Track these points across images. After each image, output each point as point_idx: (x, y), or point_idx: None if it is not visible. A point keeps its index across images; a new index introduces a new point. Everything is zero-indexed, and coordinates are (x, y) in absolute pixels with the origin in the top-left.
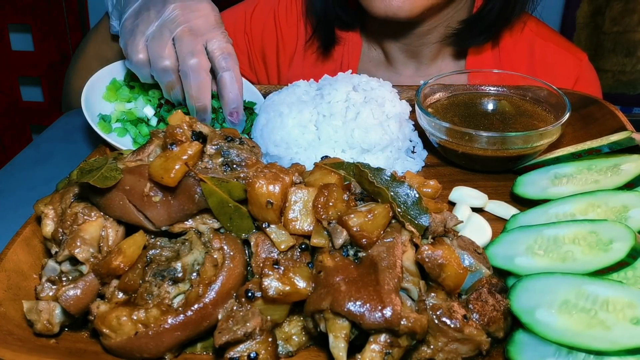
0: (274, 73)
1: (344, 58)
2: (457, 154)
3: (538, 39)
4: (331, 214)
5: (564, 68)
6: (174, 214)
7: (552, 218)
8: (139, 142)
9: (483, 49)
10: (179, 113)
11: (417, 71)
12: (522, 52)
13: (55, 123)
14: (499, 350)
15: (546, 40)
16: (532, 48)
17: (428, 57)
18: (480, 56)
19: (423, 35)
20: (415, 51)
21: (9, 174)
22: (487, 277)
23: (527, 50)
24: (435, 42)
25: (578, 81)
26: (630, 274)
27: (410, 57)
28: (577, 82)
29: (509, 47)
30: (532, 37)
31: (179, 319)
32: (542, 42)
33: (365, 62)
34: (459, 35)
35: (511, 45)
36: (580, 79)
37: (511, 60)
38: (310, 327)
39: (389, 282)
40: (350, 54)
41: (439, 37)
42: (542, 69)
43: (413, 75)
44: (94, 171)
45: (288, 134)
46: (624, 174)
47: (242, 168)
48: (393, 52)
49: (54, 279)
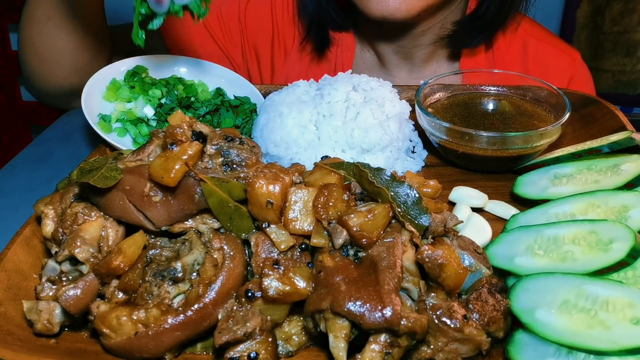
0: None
1: (338, 59)
2: (457, 154)
3: (532, 39)
4: (331, 214)
5: (558, 67)
6: (174, 214)
7: (552, 218)
8: (139, 142)
9: (477, 50)
10: (179, 113)
11: (411, 73)
12: (515, 52)
13: (55, 123)
14: (499, 350)
15: (539, 40)
16: (526, 48)
17: (421, 59)
18: (474, 57)
19: (417, 37)
20: (408, 53)
21: (9, 174)
22: (487, 277)
23: (521, 50)
24: (429, 44)
25: (572, 80)
26: (630, 274)
27: (403, 59)
28: (571, 81)
29: (503, 47)
30: (525, 37)
31: (179, 319)
32: (536, 41)
33: (359, 64)
34: (454, 37)
35: (505, 46)
36: (574, 78)
37: (505, 60)
38: (310, 327)
39: (389, 282)
40: (344, 56)
41: (433, 39)
42: (536, 69)
43: (407, 78)
44: (94, 171)
45: (288, 134)
46: (624, 174)
47: (242, 168)
48: (386, 54)
49: (54, 279)
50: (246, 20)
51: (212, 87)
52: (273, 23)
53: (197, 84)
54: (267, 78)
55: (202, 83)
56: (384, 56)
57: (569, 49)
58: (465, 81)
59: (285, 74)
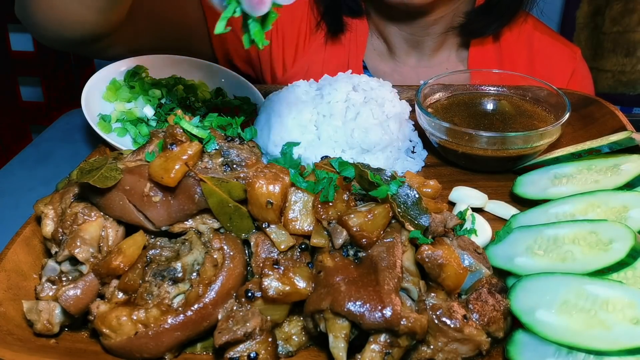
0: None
1: (352, 45)
2: (457, 154)
3: (536, 33)
4: (331, 214)
5: (561, 60)
6: (174, 214)
7: (552, 218)
8: (139, 142)
9: (485, 41)
10: (179, 113)
11: (420, 61)
12: (522, 45)
13: (55, 123)
14: (498, 350)
15: (543, 33)
16: (531, 41)
17: (431, 48)
18: (483, 48)
19: (429, 25)
20: (419, 41)
21: (9, 174)
22: (487, 277)
23: (527, 43)
24: (440, 33)
25: (574, 73)
26: (630, 274)
27: (413, 47)
28: (573, 74)
29: (510, 40)
30: (531, 31)
31: (179, 319)
32: (540, 35)
33: (370, 50)
34: (465, 27)
35: (512, 38)
36: (576, 71)
37: (512, 52)
38: (310, 327)
39: (388, 282)
40: (358, 42)
41: (444, 28)
42: (541, 62)
43: (416, 66)
44: (94, 171)
45: (288, 134)
46: (624, 174)
47: (242, 168)
48: (396, 42)
49: (54, 279)
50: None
51: (212, 87)
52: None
53: (197, 84)
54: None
55: (202, 83)
56: (393, 44)
57: (571, 45)
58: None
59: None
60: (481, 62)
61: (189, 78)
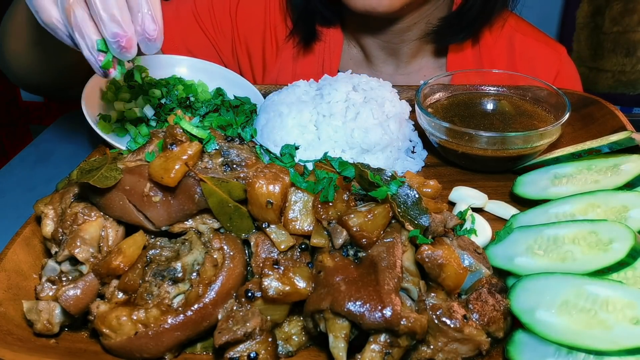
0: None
1: (325, 55)
2: (457, 154)
3: (518, 35)
4: (331, 214)
5: (544, 62)
6: (174, 214)
7: (552, 218)
8: (139, 142)
9: (463, 46)
10: (179, 113)
11: (397, 69)
12: (502, 48)
13: (55, 123)
14: (498, 350)
15: (525, 35)
16: (512, 44)
17: (408, 55)
18: (461, 54)
19: (402, 32)
20: (394, 49)
21: (9, 174)
22: (487, 277)
23: (507, 46)
24: (415, 40)
25: (558, 75)
26: (630, 274)
27: (389, 55)
28: (558, 76)
29: (489, 43)
30: (511, 33)
31: (179, 319)
32: (522, 37)
33: (346, 60)
34: (439, 33)
35: (491, 42)
36: (561, 72)
37: (492, 56)
38: (310, 327)
39: (388, 282)
40: (331, 51)
41: (418, 35)
42: (523, 64)
43: (393, 74)
44: (94, 171)
45: (288, 134)
46: (624, 174)
47: (242, 168)
48: (372, 50)
49: (54, 279)
50: (237, 15)
51: (212, 87)
52: (265, 19)
53: (197, 84)
54: (258, 74)
55: (202, 83)
56: (370, 52)
57: (555, 44)
58: (463, 81)
59: (277, 70)
60: (460, 68)
61: (189, 78)
